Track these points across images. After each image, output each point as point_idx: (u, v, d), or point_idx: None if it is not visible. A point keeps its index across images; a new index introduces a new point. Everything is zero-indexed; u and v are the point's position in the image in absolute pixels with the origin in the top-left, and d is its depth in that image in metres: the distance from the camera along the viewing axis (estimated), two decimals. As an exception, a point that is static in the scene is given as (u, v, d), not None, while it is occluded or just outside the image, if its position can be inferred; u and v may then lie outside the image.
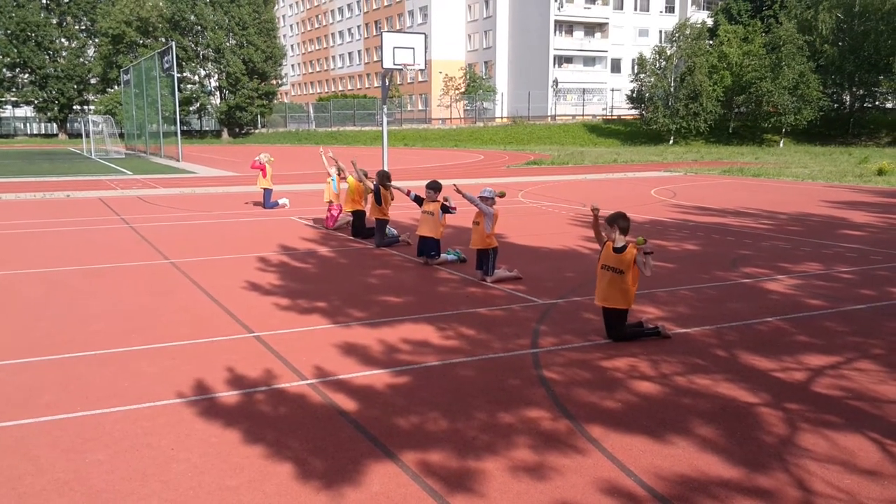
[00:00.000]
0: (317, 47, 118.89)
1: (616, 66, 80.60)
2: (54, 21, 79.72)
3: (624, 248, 6.60)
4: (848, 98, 56.90)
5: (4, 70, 77.68)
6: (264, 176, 16.82)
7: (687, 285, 9.00)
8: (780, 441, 4.60)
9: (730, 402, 5.24)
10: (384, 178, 12.09)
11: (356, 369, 5.91)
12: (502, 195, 9.50)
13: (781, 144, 53.59)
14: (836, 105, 56.85)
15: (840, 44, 54.53)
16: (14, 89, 79.83)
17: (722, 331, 7.04)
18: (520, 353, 6.35)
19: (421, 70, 23.29)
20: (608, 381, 5.63)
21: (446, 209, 10.26)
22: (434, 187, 10.44)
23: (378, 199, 11.87)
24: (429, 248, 10.36)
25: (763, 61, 53.35)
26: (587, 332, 6.93)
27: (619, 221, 6.61)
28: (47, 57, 78.97)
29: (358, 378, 5.71)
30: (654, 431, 4.72)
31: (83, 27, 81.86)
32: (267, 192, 17.07)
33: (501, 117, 77.17)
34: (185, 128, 68.26)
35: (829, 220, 15.16)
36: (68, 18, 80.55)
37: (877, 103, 57.78)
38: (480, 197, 9.37)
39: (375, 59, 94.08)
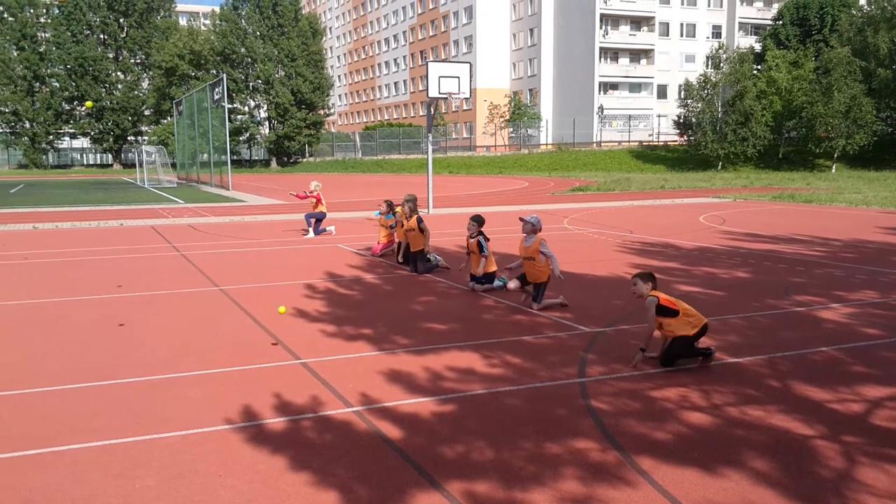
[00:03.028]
0: (363, 77, 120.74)
1: (662, 93, 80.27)
2: (111, 55, 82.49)
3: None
4: (903, 122, 55.78)
5: (63, 103, 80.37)
6: (320, 202, 17.13)
7: (738, 314, 8.82)
8: (838, 475, 4.45)
9: (784, 433, 5.10)
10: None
11: (401, 397, 5.90)
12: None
13: (833, 170, 52.60)
14: (890, 129, 55.70)
15: (895, 66, 53.52)
16: (72, 121, 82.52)
17: (775, 360, 6.87)
18: (567, 382, 6.27)
19: (466, 98, 23.43)
20: (658, 412, 5.53)
21: (482, 248, 10.34)
22: (477, 220, 10.47)
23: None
24: (479, 280, 10.44)
25: (813, 85, 52.58)
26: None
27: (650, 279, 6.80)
28: (103, 90, 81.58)
29: (403, 406, 5.69)
30: (706, 464, 4.60)
31: (138, 61, 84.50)
32: (321, 217, 17.34)
33: (546, 144, 77.23)
34: (234, 157, 69.70)
35: (885, 246, 14.76)
36: (124, 53, 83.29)
37: (933, 127, 56.51)
38: (525, 221, 9.34)
39: (421, 88, 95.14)
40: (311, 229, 17.43)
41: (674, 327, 6.62)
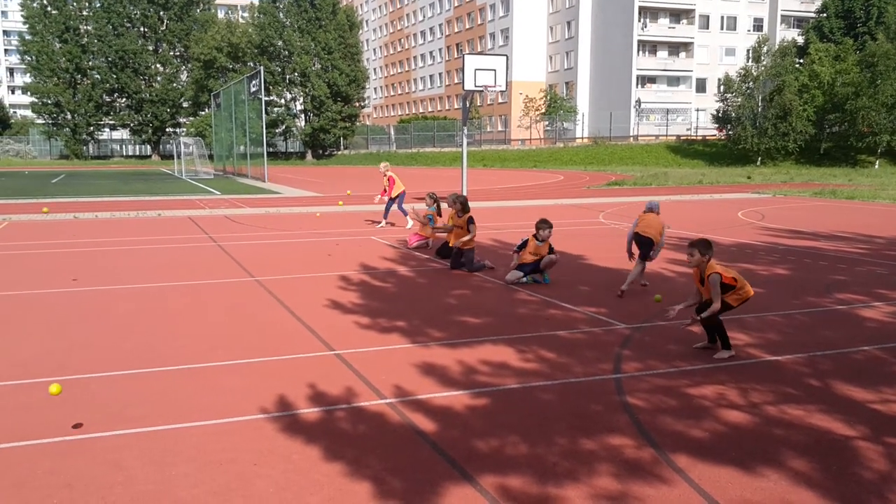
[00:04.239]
0: (399, 70, 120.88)
1: (701, 86, 79.21)
2: (150, 48, 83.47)
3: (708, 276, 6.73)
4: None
5: (104, 95, 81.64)
6: (393, 184, 17.23)
7: (777, 311, 8.68)
8: (881, 477, 4.35)
9: (824, 434, 5.00)
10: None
11: (435, 390, 5.89)
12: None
13: (877, 166, 51.55)
14: (936, 124, 54.31)
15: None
16: (112, 113, 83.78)
17: (815, 359, 6.74)
18: (602, 377, 6.22)
19: (502, 91, 23.35)
20: (695, 409, 5.45)
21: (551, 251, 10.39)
22: (549, 226, 10.41)
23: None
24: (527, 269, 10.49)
25: (860, 77, 51.43)
26: (672, 358, 6.74)
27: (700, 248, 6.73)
28: (143, 82, 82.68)
29: (437, 398, 5.69)
30: (744, 463, 4.53)
31: (177, 53, 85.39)
32: (402, 196, 17.57)
33: (582, 138, 76.69)
34: (271, 149, 70.16)
35: (931, 244, 14.41)
36: (163, 45, 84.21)
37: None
38: (648, 209, 9.94)
39: (456, 81, 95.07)
40: (399, 219, 17.52)
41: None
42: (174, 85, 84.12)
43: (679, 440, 4.88)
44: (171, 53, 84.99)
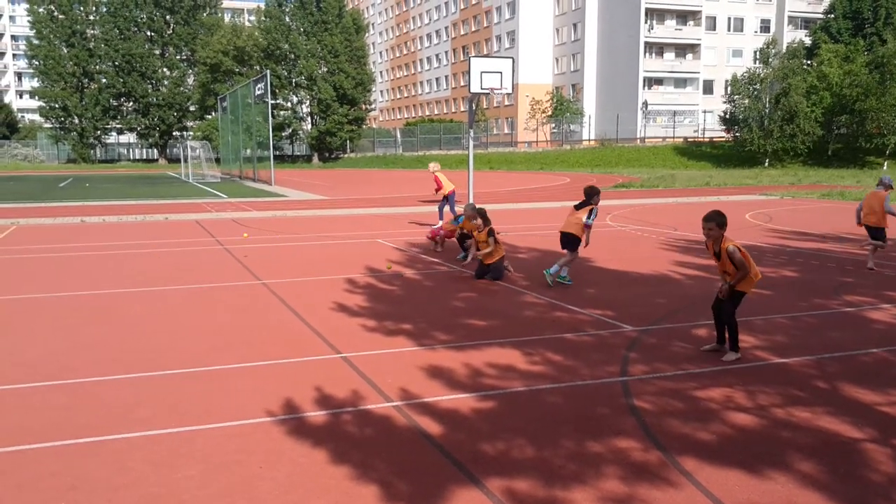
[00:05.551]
0: (405, 73, 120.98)
1: (708, 88, 78.98)
2: (157, 52, 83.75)
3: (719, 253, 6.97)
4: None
5: (111, 99, 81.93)
6: (440, 186, 17.21)
7: (785, 313, 8.64)
8: (889, 480, 4.32)
9: (832, 436, 4.97)
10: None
11: (441, 392, 5.88)
12: None
13: (885, 167, 51.28)
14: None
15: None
16: (119, 117, 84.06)
17: (823, 361, 6.71)
18: (609, 380, 6.20)
19: (508, 94, 23.33)
20: (702, 412, 5.43)
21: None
22: (595, 192, 10.40)
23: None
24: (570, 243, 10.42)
25: (869, 78, 51.20)
26: (679, 361, 6.72)
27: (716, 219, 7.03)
28: (150, 86, 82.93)
29: (443, 401, 5.68)
30: (751, 465, 4.51)
31: (183, 57, 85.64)
32: (452, 196, 17.66)
33: (589, 140, 76.62)
34: (277, 153, 70.28)
35: (939, 246, 14.33)
36: (170, 49, 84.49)
37: None
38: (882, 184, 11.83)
39: (462, 83, 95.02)
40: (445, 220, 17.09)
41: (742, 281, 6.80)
42: (181, 89, 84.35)
43: (686, 443, 4.86)
44: (178, 57, 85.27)
